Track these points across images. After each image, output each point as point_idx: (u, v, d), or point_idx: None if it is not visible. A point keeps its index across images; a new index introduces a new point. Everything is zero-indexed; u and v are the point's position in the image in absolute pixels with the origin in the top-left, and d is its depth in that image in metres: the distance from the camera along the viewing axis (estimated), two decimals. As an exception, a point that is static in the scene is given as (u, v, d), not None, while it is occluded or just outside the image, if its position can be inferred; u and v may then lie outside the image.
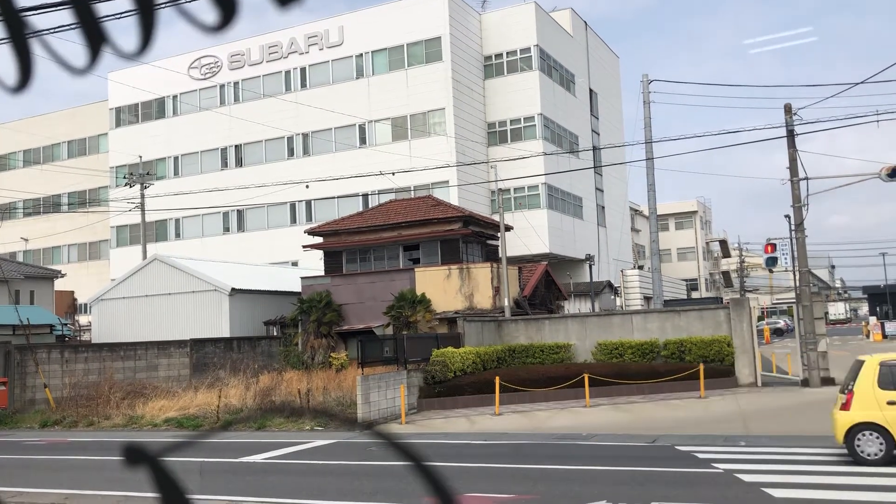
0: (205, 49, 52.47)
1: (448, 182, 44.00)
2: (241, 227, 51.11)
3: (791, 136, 24.45)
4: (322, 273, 32.15)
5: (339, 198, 46.78)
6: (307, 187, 42.55)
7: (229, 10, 0.99)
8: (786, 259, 51.59)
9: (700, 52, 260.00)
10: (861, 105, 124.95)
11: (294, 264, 43.65)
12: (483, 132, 48.32)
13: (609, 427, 17.30)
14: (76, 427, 22.42)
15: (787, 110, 24.34)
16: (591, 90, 57.46)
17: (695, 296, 73.84)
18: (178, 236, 52.92)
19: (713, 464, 12.16)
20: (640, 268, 63.53)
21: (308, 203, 48.33)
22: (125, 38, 1.17)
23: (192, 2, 2.62)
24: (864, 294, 66.97)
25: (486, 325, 26.90)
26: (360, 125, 47.64)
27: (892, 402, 11.60)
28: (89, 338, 36.26)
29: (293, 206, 48.83)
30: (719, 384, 22.88)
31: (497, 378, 21.08)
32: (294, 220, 48.76)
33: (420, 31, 46.43)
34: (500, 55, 49.04)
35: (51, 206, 60.72)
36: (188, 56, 53.09)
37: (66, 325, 33.84)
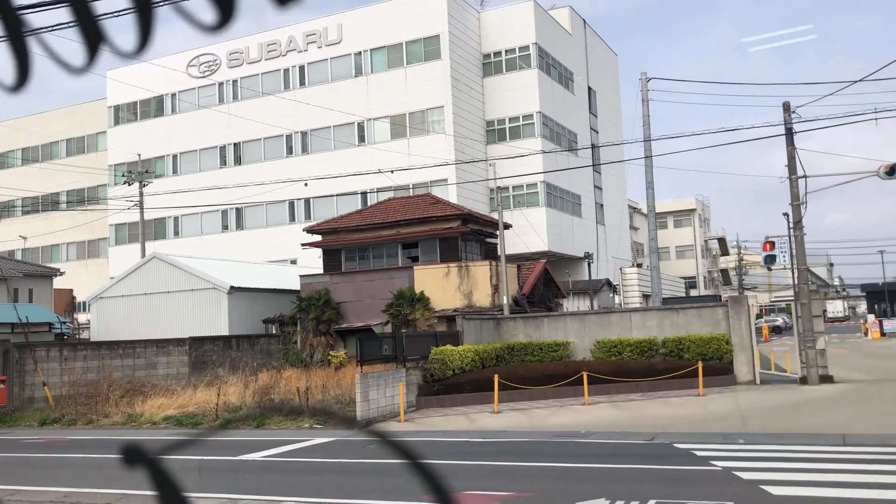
0: (203, 47, 52.45)
1: (447, 180, 44.03)
2: (239, 226, 51.11)
3: (790, 133, 24.47)
4: (321, 271, 32.16)
5: (337, 196, 46.79)
6: (306, 185, 42.56)
7: (228, 8, 0.99)
8: (784, 257, 51.71)
9: (698, 49, 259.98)
10: (860, 103, 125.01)
11: (293, 262, 43.66)
12: (482, 130, 48.33)
13: (607, 425, 17.31)
14: (75, 425, 22.41)
15: (786, 108, 24.36)
16: (589, 88, 57.47)
17: (693, 294, 73.97)
18: (176, 234, 52.92)
19: (711, 461, 12.16)
20: (639, 266, 63.56)
21: (307, 201, 48.33)
22: (123, 36, 1.17)
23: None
24: (863, 292, 66.99)
25: (484, 323, 26.90)
26: (358, 123, 47.64)
27: None
28: (88, 336, 36.26)
29: (292, 204, 48.84)
30: (718, 382, 22.89)
31: (496, 376, 21.08)
32: (293, 219, 48.76)
33: (419, 29, 46.42)
34: (498, 53, 49.04)
35: (49, 204, 60.67)
36: (187, 54, 53.06)
37: (64, 323, 33.82)
